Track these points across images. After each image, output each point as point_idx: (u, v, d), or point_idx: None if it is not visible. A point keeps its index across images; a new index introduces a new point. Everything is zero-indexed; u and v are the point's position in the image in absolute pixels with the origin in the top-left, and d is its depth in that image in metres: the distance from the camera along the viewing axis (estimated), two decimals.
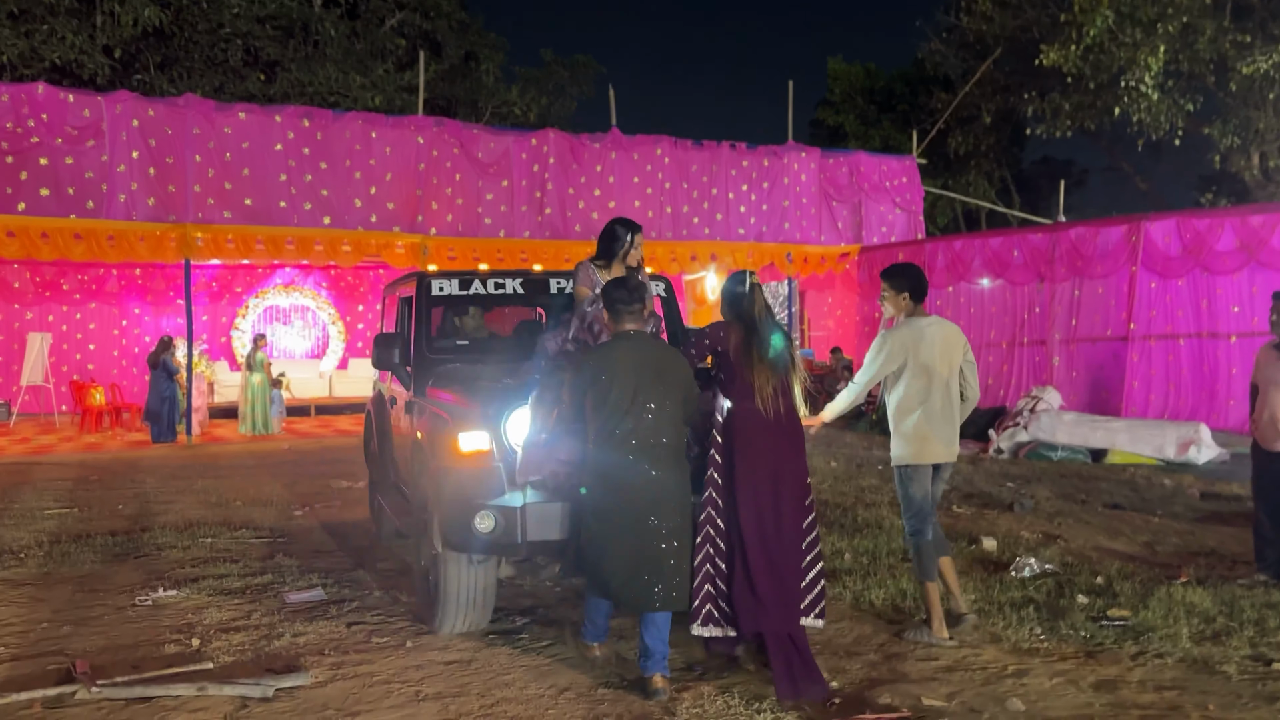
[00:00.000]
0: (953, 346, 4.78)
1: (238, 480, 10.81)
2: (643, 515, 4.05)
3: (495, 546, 4.41)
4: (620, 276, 4.63)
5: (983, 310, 17.04)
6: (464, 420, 4.57)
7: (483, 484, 4.42)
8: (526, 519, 4.35)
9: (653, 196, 17.83)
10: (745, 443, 4.22)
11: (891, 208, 20.02)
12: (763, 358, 4.23)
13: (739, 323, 4.36)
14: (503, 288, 5.95)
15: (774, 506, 4.20)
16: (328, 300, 22.02)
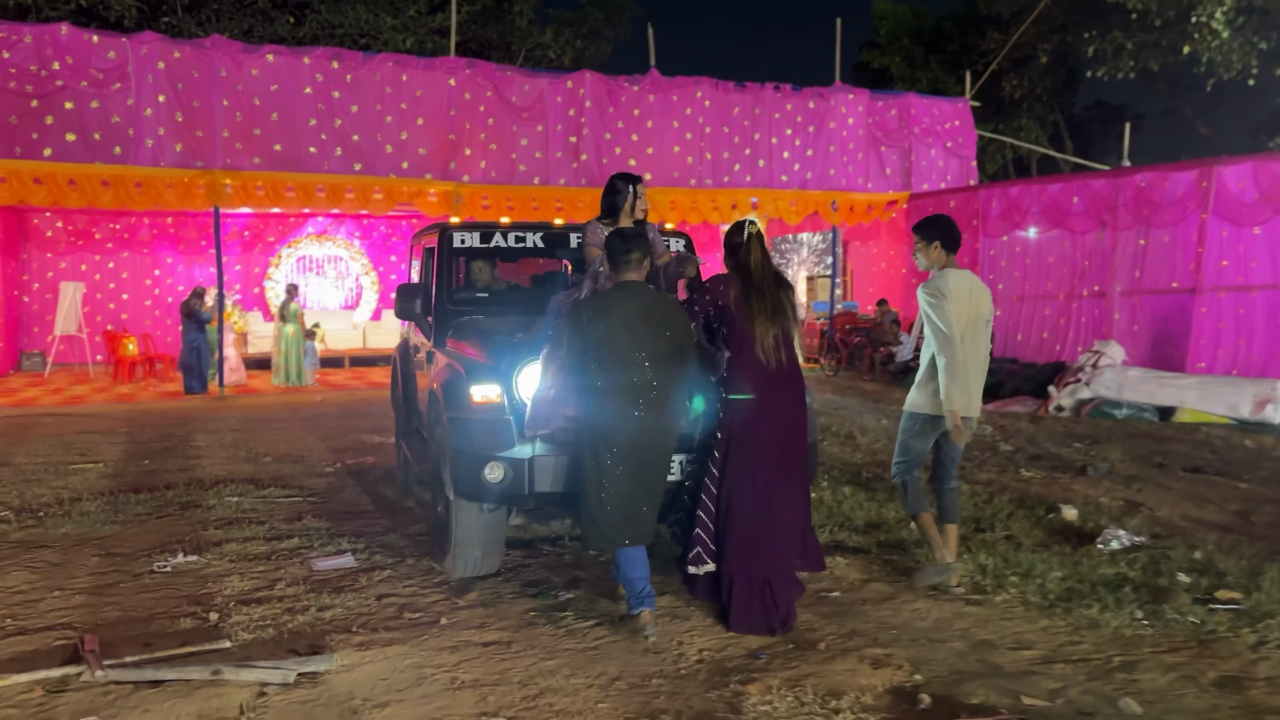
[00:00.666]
0: (980, 301, 4.74)
1: (268, 434, 10.49)
2: (631, 457, 4.13)
3: (504, 496, 4.53)
4: (620, 228, 4.62)
5: (1039, 260, 16.28)
6: (477, 373, 4.69)
7: (493, 436, 4.52)
8: (535, 471, 4.47)
9: (692, 142, 17.16)
10: (745, 393, 4.25)
11: (943, 153, 19.17)
12: (761, 308, 4.25)
13: (737, 273, 4.37)
14: (523, 241, 6.03)
15: (774, 456, 4.23)
16: (361, 250, 21.66)
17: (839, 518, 6.20)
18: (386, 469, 8.25)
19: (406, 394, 7.11)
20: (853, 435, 9.75)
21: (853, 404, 12.65)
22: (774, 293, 4.34)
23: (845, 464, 8.14)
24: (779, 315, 4.30)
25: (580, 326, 4.21)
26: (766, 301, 4.29)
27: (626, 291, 4.29)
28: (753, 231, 4.44)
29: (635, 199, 4.94)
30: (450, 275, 6.03)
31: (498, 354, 4.79)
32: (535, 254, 6.33)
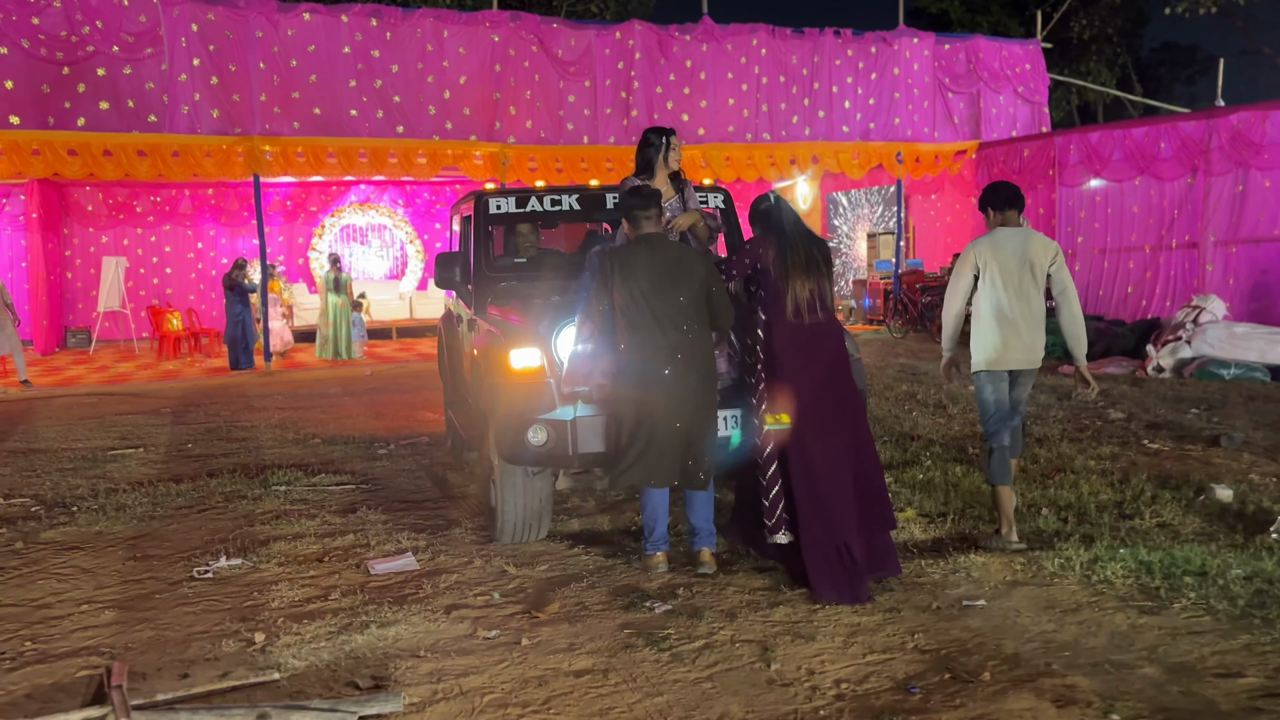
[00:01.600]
0: (1035, 255, 4.74)
1: (317, 411, 9.97)
2: (664, 402, 4.26)
3: (548, 459, 4.58)
4: (634, 185, 4.73)
5: (1122, 210, 15.25)
6: (516, 337, 4.71)
7: (535, 399, 4.56)
8: (577, 431, 4.50)
9: (748, 94, 16.26)
10: (788, 351, 4.30)
11: (1013, 99, 18.07)
12: (795, 263, 4.34)
13: (771, 234, 4.46)
14: (559, 204, 6.02)
15: (823, 414, 4.25)
16: (405, 218, 21.10)
17: (957, 504, 5.46)
18: (442, 447, 7.65)
19: (452, 363, 7.06)
20: (943, 404, 8.97)
21: (931, 369, 11.83)
22: (807, 248, 4.41)
23: (945, 438, 7.39)
24: (813, 270, 4.37)
25: (604, 280, 4.34)
26: (800, 257, 4.37)
27: (647, 244, 4.41)
28: (778, 195, 4.58)
29: (668, 151, 4.93)
30: (488, 242, 6.06)
31: (536, 317, 4.83)
32: (572, 217, 6.29)
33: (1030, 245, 4.73)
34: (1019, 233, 4.79)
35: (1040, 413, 8.41)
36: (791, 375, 4.27)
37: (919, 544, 4.81)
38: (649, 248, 4.40)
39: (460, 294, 6.29)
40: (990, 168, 17.36)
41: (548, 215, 6.11)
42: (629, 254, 4.40)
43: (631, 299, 4.30)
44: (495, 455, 4.79)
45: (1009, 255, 4.71)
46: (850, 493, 4.23)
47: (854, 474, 4.28)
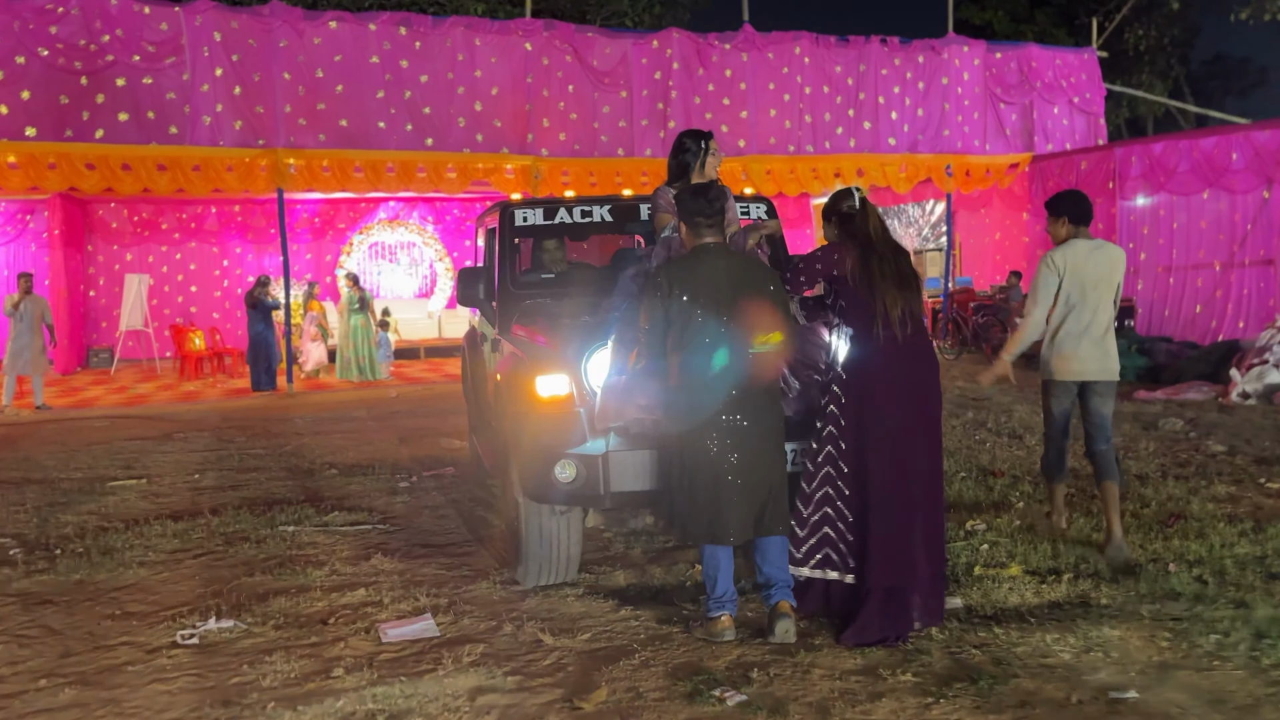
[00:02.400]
0: (1112, 269, 4.83)
1: (337, 437, 9.32)
2: (731, 444, 3.76)
3: (577, 497, 4.16)
4: (696, 183, 4.24)
5: (1189, 226, 14.37)
6: (542, 362, 4.31)
7: (562, 431, 4.14)
8: (610, 468, 4.08)
9: (790, 104, 15.59)
10: (876, 373, 3.87)
11: (1067, 109, 17.28)
12: (886, 278, 3.89)
13: (853, 241, 4.00)
14: (590, 215, 5.63)
15: (912, 443, 3.85)
16: (434, 235, 20.57)
17: (1069, 557, 4.68)
18: (469, 479, 6.96)
19: (476, 385, 6.64)
20: (1017, 433, 8.18)
21: (994, 393, 11.02)
22: (896, 261, 3.96)
23: (1032, 474, 6.59)
24: (905, 286, 3.92)
25: (659, 300, 3.78)
26: (890, 270, 3.91)
27: (710, 254, 3.88)
28: (863, 197, 4.09)
29: (707, 155, 4.46)
30: (513, 256, 5.71)
31: (565, 339, 4.41)
32: (603, 229, 5.86)
33: (1102, 257, 4.84)
34: (1097, 244, 4.89)
35: (1128, 444, 7.58)
36: (874, 397, 3.86)
37: (1035, 610, 4.03)
38: (713, 260, 3.86)
39: (484, 312, 5.90)
40: (1044, 181, 16.54)
41: (578, 227, 5.69)
42: (688, 267, 3.85)
43: (689, 321, 3.75)
44: (518, 492, 4.41)
45: (1088, 267, 4.79)
46: (920, 530, 3.87)
47: (931, 516, 3.91)
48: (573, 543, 4.44)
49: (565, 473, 4.08)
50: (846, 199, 4.10)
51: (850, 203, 4.06)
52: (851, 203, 4.06)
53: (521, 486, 4.33)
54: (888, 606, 3.77)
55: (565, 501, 4.19)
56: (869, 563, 3.80)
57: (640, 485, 4.08)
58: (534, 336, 4.72)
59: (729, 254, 3.96)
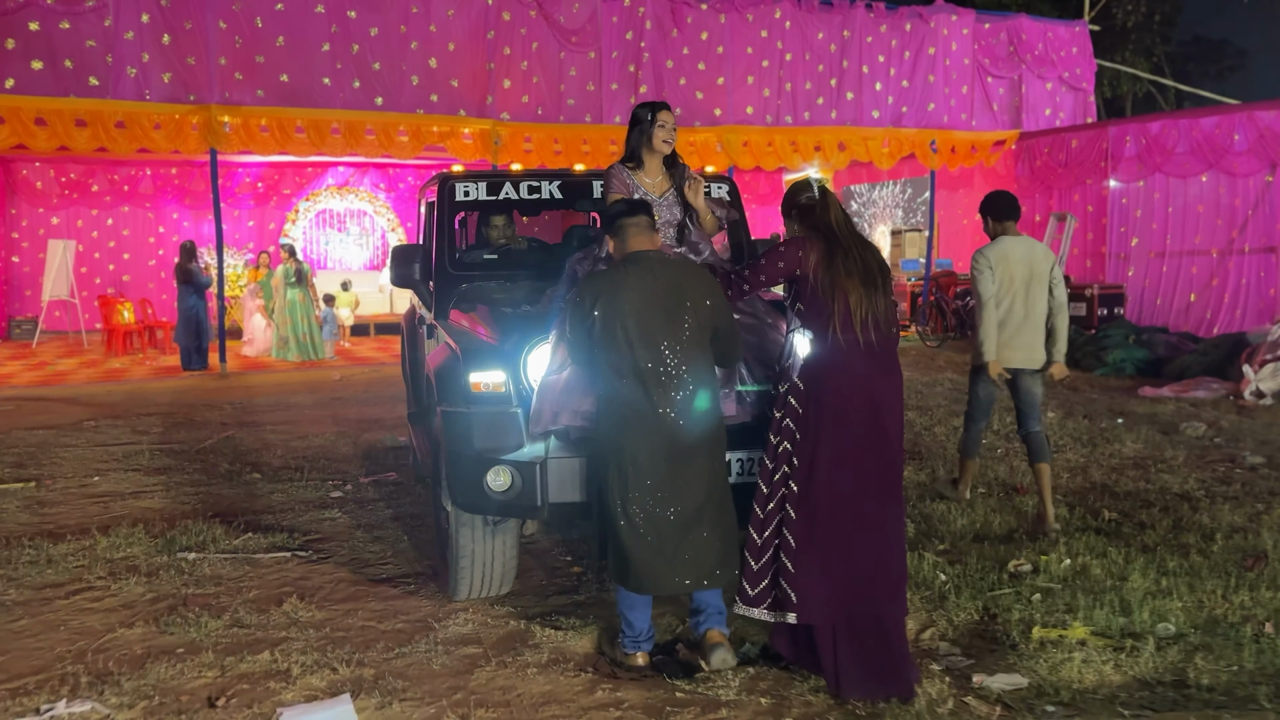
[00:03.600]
0: (1039, 263, 5.14)
1: (267, 430, 8.29)
2: (664, 480, 3.37)
3: (511, 508, 3.81)
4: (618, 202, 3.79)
5: (1185, 210, 13.69)
6: (476, 355, 3.93)
7: (496, 433, 3.79)
8: (548, 476, 3.72)
9: (769, 71, 14.63)
10: (836, 381, 3.45)
11: (1057, 85, 16.50)
12: (851, 276, 3.48)
13: (815, 235, 3.60)
14: (537, 191, 5.25)
15: (873, 456, 3.45)
16: (386, 204, 19.40)
17: (1144, 617, 3.82)
18: (414, 490, 6.00)
19: (414, 369, 6.20)
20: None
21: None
22: (862, 257, 3.55)
23: (1068, 493, 5.78)
24: (871, 285, 3.51)
25: (581, 316, 3.44)
26: (856, 266, 3.51)
27: (638, 266, 3.47)
28: (824, 187, 3.73)
29: (654, 128, 4.03)
30: (453, 233, 5.30)
31: (504, 330, 4.04)
32: (553, 205, 5.47)
33: (1035, 253, 5.18)
34: (1024, 241, 5.22)
35: (1153, 452, 6.81)
36: (832, 410, 3.42)
37: (1122, 696, 3.18)
38: (641, 271, 3.44)
39: (420, 295, 5.45)
40: (1032, 160, 15.80)
41: (524, 204, 5.29)
42: (613, 281, 3.45)
43: (616, 342, 3.38)
44: (448, 500, 4.00)
45: (1017, 262, 5.10)
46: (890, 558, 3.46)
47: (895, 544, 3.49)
48: (508, 556, 4.08)
49: (499, 481, 3.71)
50: (805, 190, 3.69)
51: (809, 194, 3.66)
52: (810, 194, 3.66)
53: (451, 494, 3.94)
54: (866, 644, 3.33)
55: (498, 513, 3.84)
56: (820, 596, 3.35)
57: (580, 495, 3.72)
58: (472, 325, 4.31)
59: (664, 263, 3.49)
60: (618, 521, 3.38)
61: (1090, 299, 13.88)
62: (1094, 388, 10.21)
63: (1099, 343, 11.83)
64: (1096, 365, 11.33)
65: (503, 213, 5.46)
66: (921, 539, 4.88)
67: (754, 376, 3.79)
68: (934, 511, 5.34)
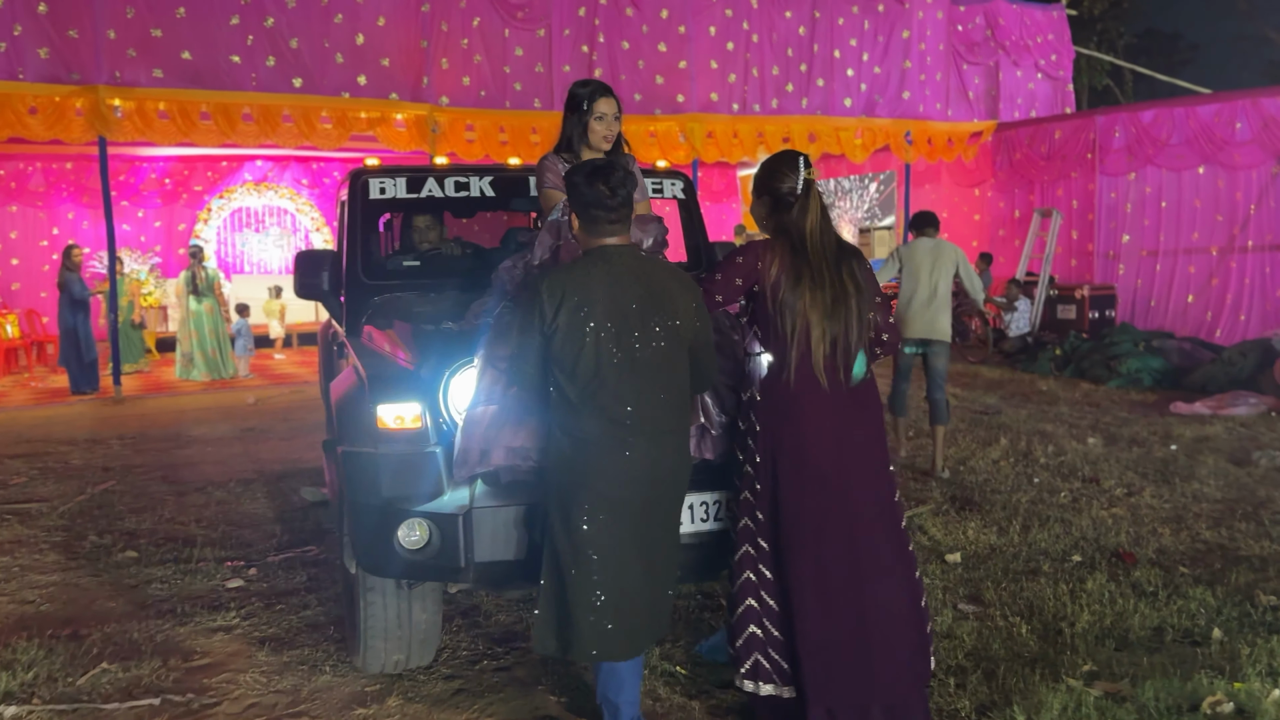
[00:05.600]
0: (944, 259, 6.38)
1: (158, 475, 6.75)
2: (631, 529, 2.82)
3: (428, 569, 3.12)
4: (592, 160, 3.03)
5: (1180, 205, 12.75)
6: (385, 382, 3.24)
7: (410, 478, 3.10)
8: (474, 530, 3.04)
9: (734, 55, 13.34)
10: (793, 426, 2.93)
11: (1032, 73, 15.52)
12: (816, 300, 2.91)
13: (782, 239, 3.00)
14: (466, 188, 4.61)
15: (838, 522, 2.91)
16: (310, 201, 17.67)
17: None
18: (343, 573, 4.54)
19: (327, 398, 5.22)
20: (1083, 470, 6.19)
21: (981, 397, 9.08)
22: (834, 273, 2.93)
23: (1188, 555, 4.55)
24: (840, 312, 2.91)
25: (535, 317, 2.79)
26: (823, 292, 2.90)
27: (607, 262, 2.85)
28: (808, 176, 3.00)
29: (590, 117, 3.53)
30: (368, 237, 4.65)
31: (423, 350, 3.35)
32: (484, 205, 5.08)
33: (943, 251, 6.41)
34: (935, 242, 6.47)
35: (1244, 494, 5.65)
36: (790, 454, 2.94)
37: None
38: (611, 266, 2.86)
39: (330, 308, 4.75)
40: (1010, 152, 14.78)
41: (451, 202, 4.67)
42: (582, 278, 2.84)
43: (580, 357, 2.78)
44: (350, 561, 3.37)
45: (922, 257, 6.39)
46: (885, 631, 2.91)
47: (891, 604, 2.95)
48: (429, 622, 3.45)
49: (413, 536, 3.09)
50: (787, 177, 3.01)
51: (792, 184, 2.99)
52: (793, 184, 2.99)
53: (354, 552, 3.26)
54: None
55: (412, 575, 3.20)
56: (809, 677, 2.90)
57: (514, 553, 3.09)
58: (385, 345, 3.66)
59: (637, 259, 2.93)
60: (567, 583, 2.81)
61: (1081, 301, 12.90)
62: (1116, 403, 9.11)
63: (1107, 351, 10.79)
64: (1109, 376, 10.27)
65: (426, 213, 4.80)
66: (1046, 648, 3.59)
67: (722, 405, 3.17)
68: (1041, 598, 4.05)
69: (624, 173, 2.89)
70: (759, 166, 3.12)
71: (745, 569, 3.04)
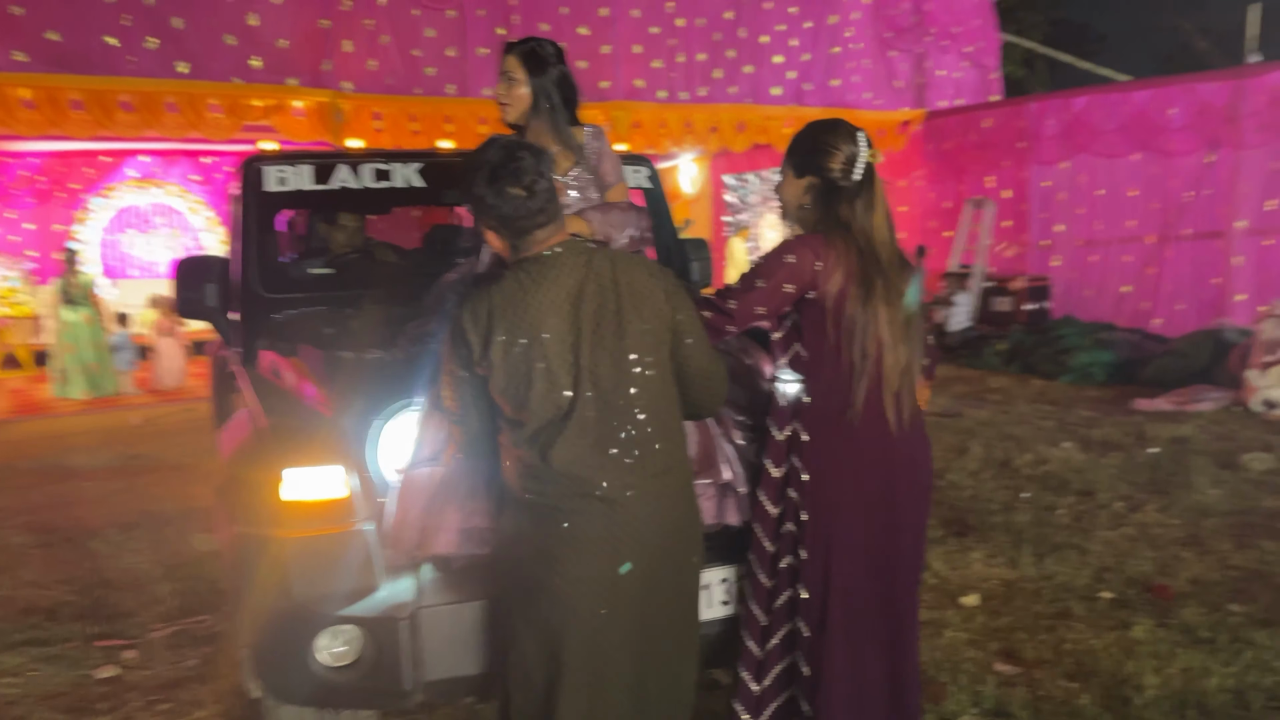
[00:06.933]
0: None
1: (17, 525, 5.72)
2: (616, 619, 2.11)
3: (359, 694, 2.37)
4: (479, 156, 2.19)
5: (1115, 193, 12.52)
6: (291, 436, 2.47)
7: (330, 571, 2.33)
8: (422, 638, 2.31)
9: (659, 39, 12.65)
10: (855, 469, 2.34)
11: (958, 61, 15.22)
12: (892, 318, 2.29)
13: (837, 237, 2.33)
14: (388, 178, 3.79)
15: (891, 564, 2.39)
16: (201, 199, 16.37)
17: None
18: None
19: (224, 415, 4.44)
20: (1072, 481, 5.69)
21: (933, 398, 8.61)
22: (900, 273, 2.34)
23: (1229, 586, 4.02)
24: (910, 331, 2.33)
25: (466, 357, 2.14)
26: (899, 304, 2.30)
27: (549, 269, 2.15)
28: (870, 160, 2.34)
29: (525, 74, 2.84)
30: (264, 240, 3.75)
31: (342, 388, 2.57)
32: (410, 198, 4.30)
33: None
34: None
35: (1249, 504, 5.20)
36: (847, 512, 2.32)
37: None
38: (560, 275, 2.13)
39: (218, 328, 3.79)
40: (940, 142, 14.44)
41: (369, 196, 3.83)
42: (514, 295, 2.11)
43: (530, 390, 2.08)
44: (252, 683, 2.59)
45: None
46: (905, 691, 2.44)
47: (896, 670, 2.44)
48: None
49: (337, 649, 2.31)
50: (840, 152, 2.33)
51: (847, 164, 2.32)
52: (850, 164, 2.32)
53: (257, 671, 2.49)
54: None
55: (336, 702, 2.39)
56: None
57: (480, 666, 2.34)
58: (298, 381, 2.80)
59: (588, 256, 2.18)
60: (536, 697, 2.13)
61: (1017, 293, 12.61)
62: (1075, 401, 8.73)
63: (1055, 345, 10.46)
64: (1059, 371, 9.93)
65: (341, 208, 4.06)
66: None
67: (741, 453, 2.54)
68: (1090, 653, 3.45)
69: (531, 156, 2.16)
70: (796, 136, 2.42)
71: (777, 663, 2.39)
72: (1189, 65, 20.66)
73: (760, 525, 2.44)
